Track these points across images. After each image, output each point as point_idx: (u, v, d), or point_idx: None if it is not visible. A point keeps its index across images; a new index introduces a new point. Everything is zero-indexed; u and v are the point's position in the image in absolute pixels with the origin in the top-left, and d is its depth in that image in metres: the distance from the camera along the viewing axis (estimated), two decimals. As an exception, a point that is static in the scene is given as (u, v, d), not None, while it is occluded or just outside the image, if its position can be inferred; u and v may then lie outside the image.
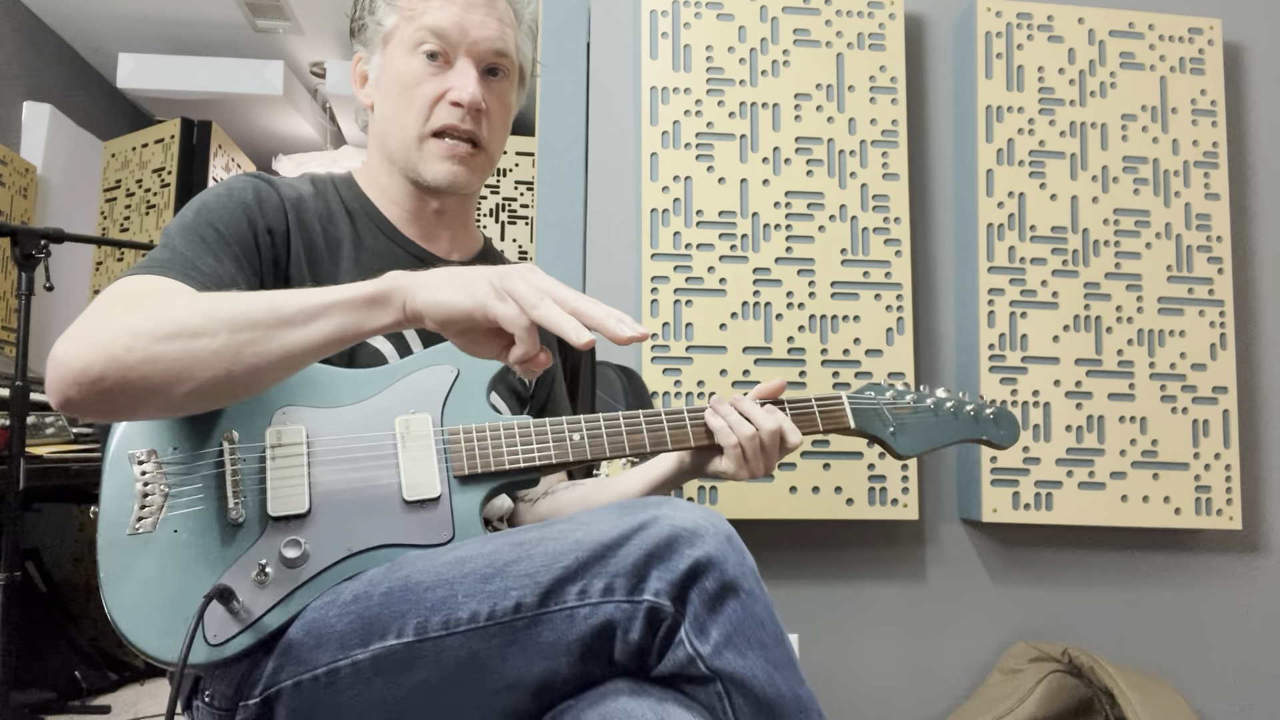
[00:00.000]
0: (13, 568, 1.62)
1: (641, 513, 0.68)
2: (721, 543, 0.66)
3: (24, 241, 1.71)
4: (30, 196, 3.53)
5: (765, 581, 0.71)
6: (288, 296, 0.68)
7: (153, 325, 0.65)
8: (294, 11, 3.74)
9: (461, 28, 0.90)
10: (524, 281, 0.65)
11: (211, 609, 0.73)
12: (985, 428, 1.04)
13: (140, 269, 0.77)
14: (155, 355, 0.64)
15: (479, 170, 0.94)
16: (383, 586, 0.72)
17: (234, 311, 0.66)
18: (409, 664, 0.69)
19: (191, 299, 0.70)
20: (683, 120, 1.63)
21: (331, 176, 0.98)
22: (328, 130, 4.89)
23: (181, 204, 3.95)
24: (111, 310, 0.69)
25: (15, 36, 3.66)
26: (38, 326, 1.94)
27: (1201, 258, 1.71)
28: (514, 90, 0.97)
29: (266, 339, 0.66)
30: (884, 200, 1.65)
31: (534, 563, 0.68)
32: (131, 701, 2.14)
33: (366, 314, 0.67)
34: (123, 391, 0.66)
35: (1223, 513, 1.66)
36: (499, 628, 0.67)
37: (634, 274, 1.61)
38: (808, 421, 0.96)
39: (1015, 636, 1.66)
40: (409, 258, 0.95)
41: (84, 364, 0.64)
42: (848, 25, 1.67)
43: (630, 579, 0.65)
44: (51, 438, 2.08)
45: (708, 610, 0.65)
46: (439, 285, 0.67)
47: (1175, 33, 1.74)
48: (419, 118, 0.91)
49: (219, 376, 0.66)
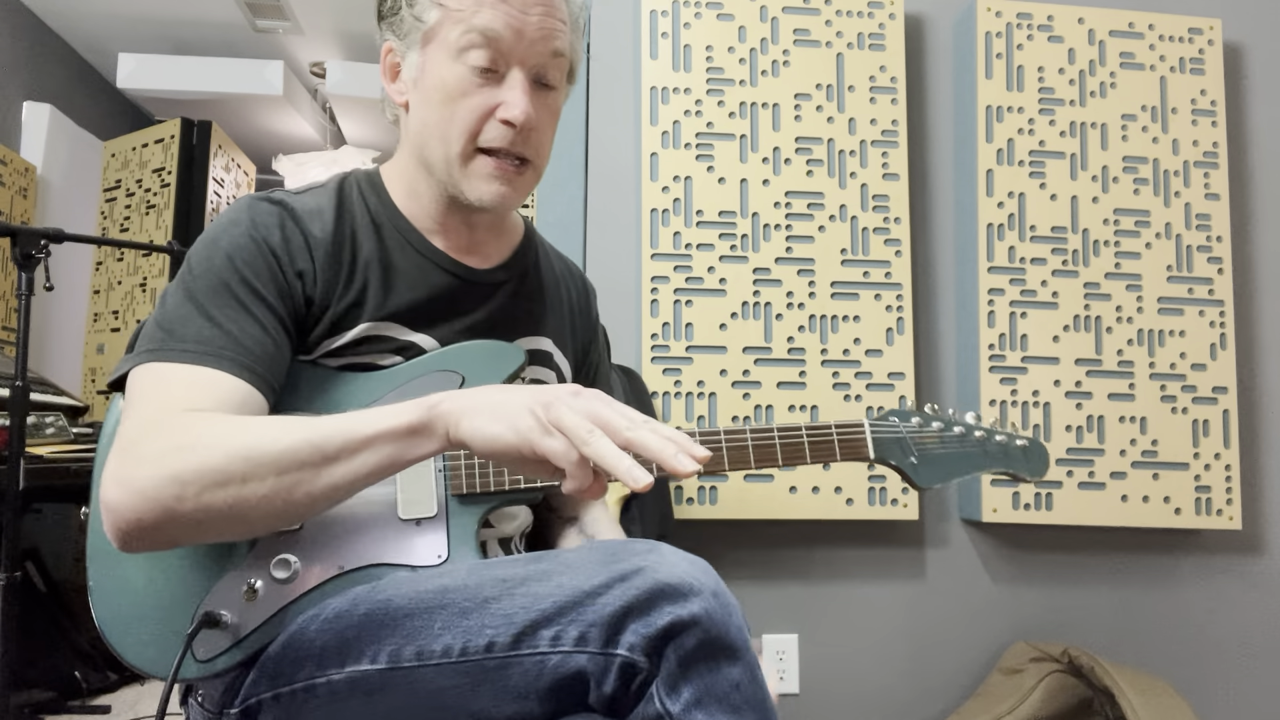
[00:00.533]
0: (13, 568, 1.62)
1: (627, 561, 0.66)
2: (707, 600, 0.63)
3: (24, 241, 1.71)
4: (30, 196, 3.53)
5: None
6: (329, 432, 0.65)
7: (199, 475, 0.64)
8: (294, 11, 3.74)
9: (516, 30, 0.79)
10: (571, 412, 0.60)
11: (213, 618, 0.73)
12: (1014, 460, 0.99)
13: (190, 353, 0.72)
14: (205, 504, 0.64)
15: (525, 188, 0.86)
16: (363, 607, 0.71)
17: (279, 453, 0.64)
18: (382, 689, 0.69)
19: (235, 435, 0.66)
20: (683, 120, 1.63)
21: (357, 181, 0.90)
22: (328, 130, 4.89)
23: (182, 204, 3.95)
24: (158, 444, 0.66)
25: (15, 36, 3.66)
26: (38, 326, 1.94)
27: (1201, 258, 1.71)
28: (562, 94, 0.89)
29: (313, 479, 0.65)
30: (884, 200, 1.65)
31: (514, 603, 0.67)
32: (131, 701, 2.14)
33: (410, 444, 0.65)
34: (181, 535, 0.67)
35: (1223, 513, 1.66)
36: (470, 665, 0.67)
37: (634, 274, 1.61)
38: (825, 451, 0.89)
39: (1015, 636, 1.66)
40: (440, 272, 0.88)
41: (137, 516, 0.64)
42: (848, 25, 1.67)
43: (606, 630, 0.64)
44: (51, 438, 2.08)
45: (682, 669, 0.62)
46: (482, 416, 0.63)
47: (1175, 33, 1.74)
48: (464, 133, 0.81)
49: (271, 516, 0.66)
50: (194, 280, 0.76)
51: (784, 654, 1.61)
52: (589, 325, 1.05)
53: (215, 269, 0.76)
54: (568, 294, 1.02)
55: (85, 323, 3.83)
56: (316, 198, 0.85)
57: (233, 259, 0.77)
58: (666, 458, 0.58)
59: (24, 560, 2.19)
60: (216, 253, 0.77)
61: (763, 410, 1.59)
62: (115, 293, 3.76)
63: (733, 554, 1.62)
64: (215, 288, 0.76)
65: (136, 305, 3.68)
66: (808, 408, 1.60)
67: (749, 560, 1.62)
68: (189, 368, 0.72)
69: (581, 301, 1.04)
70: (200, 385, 0.71)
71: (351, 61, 4.23)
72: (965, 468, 0.96)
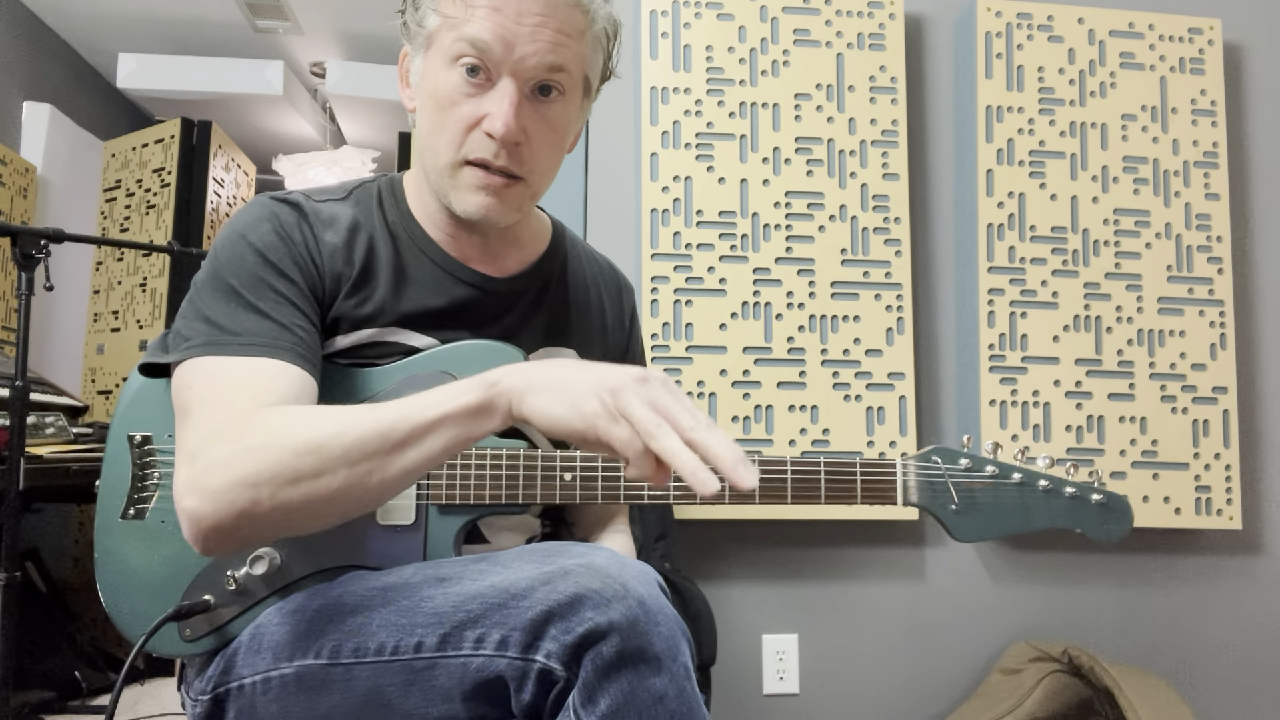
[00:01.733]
0: (13, 568, 1.62)
1: (557, 562, 0.65)
2: (630, 608, 0.61)
3: (24, 241, 1.71)
4: (30, 196, 3.53)
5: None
6: (394, 419, 0.65)
7: (272, 475, 0.64)
8: (294, 11, 3.74)
9: (506, 42, 0.76)
10: (639, 401, 0.58)
11: (193, 607, 0.76)
12: (1086, 518, 0.85)
13: (246, 346, 0.73)
14: (282, 503, 0.64)
15: (514, 202, 0.82)
16: (317, 602, 0.72)
17: (348, 446, 0.64)
18: (325, 685, 0.69)
19: (302, 431, 0.66)
20: (683, 120, 1.63)
21: (379, 189, 0.89)
22: (328, 130, 4.89)
23: (182, 204, 3.95)
24: (227, 448, 0.66)
25: (15, 36, 3.66)
26: (38, 326, 1.94)
27: (1201, 258, 1.71)
28: (571, 108, 0.84)
29: (385, 466, 0.64)
30: (884, 200, 1.65)
31: (446, 601, 0.66)
32: (131, 701, 2.14)
33: (475, 423, 0.65)
34: (264, 533, 0.67)
35: (1223, 513, 1.66)
36: (401, 665, 0.67)
37: (634, 274, 1.61)
38: (845, 492, 0.82)
39: (1015, 636, 1.66)
40: (455, 282, 0.86)
41: (215, 522, 0.64)
42: (848, 25, 1.67)
43: (527, 635, 0.62)
44: (51, 438, 2.08)
45: (599, 679, 0.60)
46: (545, 394, 0.62)
47: (1175, 33, 1.74)
48: (452, 143, 0.79)
49: (349, 504, 0.66)
50: (230, 276, 0.77)
51: (784, 654, 1.61)
52: (620, 332, 1.02)
53: (249, 265, 0.77)
54: (598, 301, 0.99)
55: (85, 323, 3.83)
56: (333, 207, 0.85)
57: (264, 254, 0.78)
58: (727, 467, 0.56)
59: (24, 560, 2.19)
60: (247, 249, 0.78)
61: (763, 410, 1.59)
62: (115, 293, 3.76)
63: (733, 554, 1.62)
64: (254, 282, 0.76)
65: (136, 305, 3.68)
66: (808, 408, 1.60)
67: (749, 560, 1.62)
68: (246, 360, 0.73)
69: (615, 309, 1.01)
70: (261, 378, 0.72)
71: (351, 61, 4.23)
72: (1019, 522, 0.84)
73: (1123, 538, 0.86)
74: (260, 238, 0.78)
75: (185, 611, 0.75)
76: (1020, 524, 0.84)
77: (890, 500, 0.83)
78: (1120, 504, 0.86)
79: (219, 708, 0.75)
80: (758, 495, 0.82)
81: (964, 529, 0.83)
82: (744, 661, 1.61)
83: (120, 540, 0.79)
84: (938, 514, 0.83)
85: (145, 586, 0.78)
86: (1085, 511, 0.85)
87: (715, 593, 1.57)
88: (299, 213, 0.82)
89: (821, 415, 1.60)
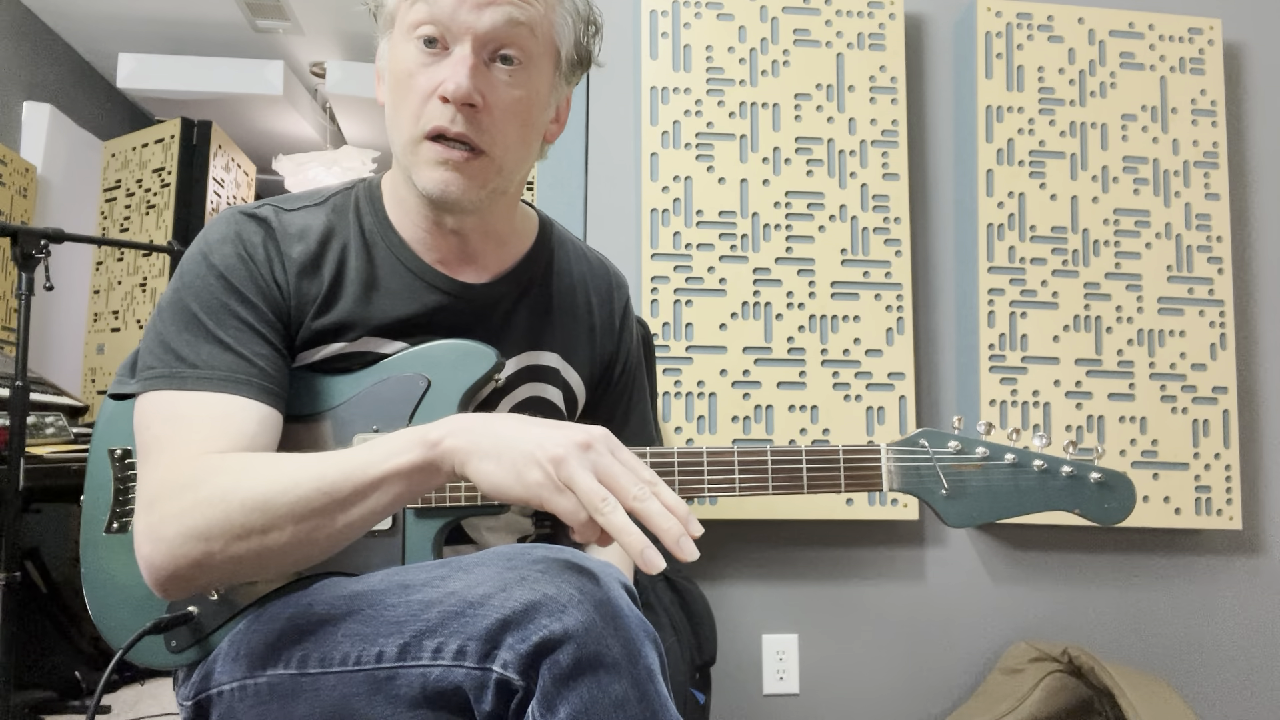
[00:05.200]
0: (13, 568, 1.62)
1: (517, 570, 0.64)
2: (586, 613, 0.60)
3: (24, 241, 1.71)
4: (30, 196, 3.53)
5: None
6: (339, 476, 0.65)
7: (223, 530, 0.65)
8: (294, 11, 3.74)
9: (457, 3, 0.73)
10: (583, 472, 0.58)
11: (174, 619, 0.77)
12: (1085, 499, 0.80)
13: (205, 380, 0.72)
14: (233, 556, 0.66)
15: (478, 178, 0.78)
16: (289, 610, 0.72)
17: (293, 503, 0.65)
18: (295, 695, 0.69)
19: (251, 487, 0.66)
20: (683, 120, 1.63)
21: (358, 195, 0.87)
22: (328, 130, 4.89)
23: (182, 204, 3.95)
24: (182, 500, 0.67)
25: (15, 36, 3.66)
26: (38, 326, 1.93)
27: (1201, 258, 1.71)
28: (537, 79, 0.79)
29: (330, 523, 0.65)
30: (884, 200, 1.65)
31: (408, 609, 0.66)
32: (131, 701, 2.14)
33: (418, 481, 0.65)
34: (217, 580, 0.69)
35: (1223, 513, 1.66)
36: (364, 675, 0.66)
37: (634, 274, 1.61)
38: (828, 481, 0.80)
39: (1015, 636, 1.66)
40: (429, 290, 0.84)
41: (171, 571, 0.67)
42: (848, 25, 1.67)
43: (483, 644, 0.61)
44: (51, 438, 2.08)
45: (558, 687, 0.59)
46: (488, 460, 0.61)
47: (1175, 33, 1.74)
48: (411, 115, 0.76)
49: (299, 558, 0.67)
50: (192, 300, 0.76)
51: (784, 654, 1.61)
52: (610, 334, 0.99)
53: (211, 289, 0.76)
54: (586, 302, 0.96)
55: (85, 323, 3.83)
56: (306, 216, 0.83)
57: (226, 278, 0.77)
58: (670, 541, 0.57)
59: (24, 560, 2.19)
60: (209, 272, 0.77)
61: (763, 410, 1.59)
62: (115, 293, 3.76)
63: (733, 554, 1.62)
64: (216, 308, 0.76)
65: (136, 305, 3.68)
66: (808, 408, 1.60)
67: (749, 560, 1.62)
68: (206, 395, 0.73)
69: (604, 309, 0.98)
70: (219, 417, 0.72)
71: (351, 61, 4.23)
72: (1013, 506, 0.80)
73: (1124, 518, 0.81)
74: (222, 259, 0.77)
75: (166, 624, 0.76)
76: (1013, 507, 0.81)
77: (876, 487, 0.80)
78: (1120, 481, 0.82)
79: (202, 713, 0.75)
80: (738, 489, 0.80)
81: (954, 514, 0.80)
82: (744, 661, 1.61)
83: (105, 554, 0.80)
84: (927, 499, 0.81)
85: (130, 599, 0.78)
86: (1084, 491, 0.81)
87: (715, 593, 1.57)
88: (265, 229, 0.80)
89: (821, 415, 1.60)
